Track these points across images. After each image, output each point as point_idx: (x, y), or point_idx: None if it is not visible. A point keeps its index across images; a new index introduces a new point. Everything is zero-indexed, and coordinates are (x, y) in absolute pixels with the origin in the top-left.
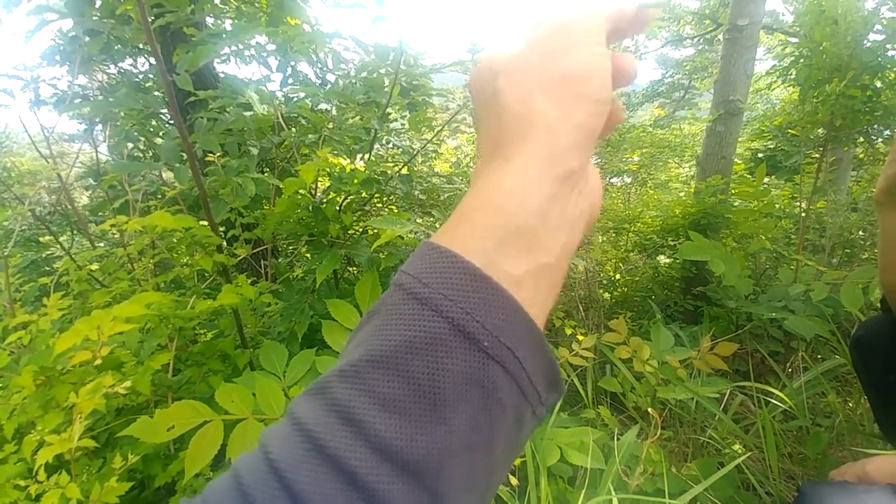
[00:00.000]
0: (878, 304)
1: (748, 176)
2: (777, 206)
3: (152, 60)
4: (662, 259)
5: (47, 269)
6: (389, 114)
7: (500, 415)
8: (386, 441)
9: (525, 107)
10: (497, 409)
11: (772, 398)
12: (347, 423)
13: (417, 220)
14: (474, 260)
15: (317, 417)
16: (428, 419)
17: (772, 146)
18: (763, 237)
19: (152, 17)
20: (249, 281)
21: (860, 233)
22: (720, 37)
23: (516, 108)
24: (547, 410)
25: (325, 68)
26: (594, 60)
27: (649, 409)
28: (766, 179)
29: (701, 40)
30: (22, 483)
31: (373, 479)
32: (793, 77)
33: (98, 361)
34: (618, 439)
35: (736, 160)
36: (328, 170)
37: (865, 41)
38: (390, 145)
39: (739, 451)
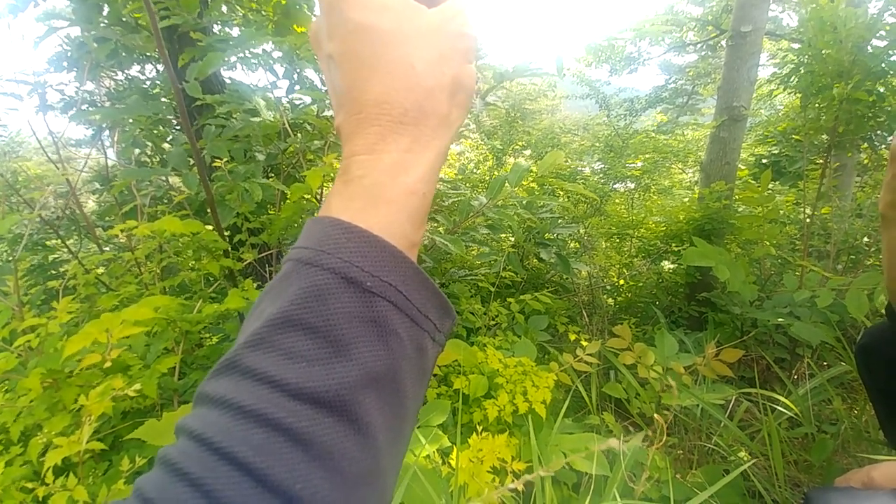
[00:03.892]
0: (884, 311)
1: (752, 182)
2: (781, 211)
3: (159, 67)
4: (666, 265)
5: (53, 272)
6: None
7: (399, 345)
8: (299, 387)
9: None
10: (394, 339)
11: (777, 405)
12: (263, 383)
13: None
14: (396, 242)
15: (234, 389)
16: (333, 360)
17: (776, 152)
18: (768, 243)
19: (159, 20)
20: (255, 285)
21: (865, 238)
22: (723, 43)
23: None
24: (446, 337)
25: None
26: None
27: (654, 416)
28: (770, 185)
29: (704, 46)
30: (28, 485)
31: (294, 421)
32: (793, 84)
33: (108, 364)
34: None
35: (740, 166)
36: (333, 175)
37: (868, 47)
38: None
39: (745, 458)
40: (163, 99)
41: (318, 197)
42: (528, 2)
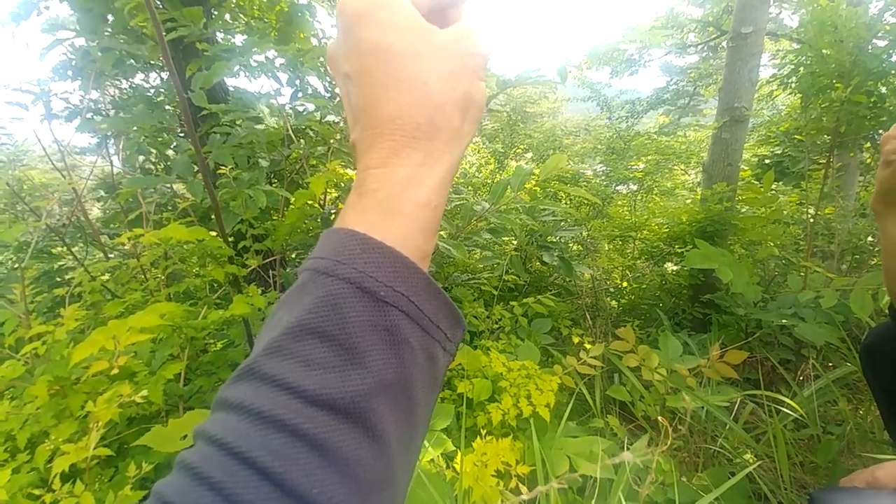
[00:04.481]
0: (887, 311)
1: (755, 182)
2: (785, 212)
3: (164, 75)
4: (670, 266)
5: (59, 279)
6: None
7: (410, 354)
8: (316, 394)
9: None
10: (406, 349)
11: (783, 406)
12: (281, 389)
13: None
14: (409, 254)
15: (253, 395)
16: (348, 367)
17: (779, 152)
18: (771, 244)
19: (165, 32)
20: (259, 291)
21: (869, 238)
22: (724, 44)
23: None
24: (456, 346)
25: (333, 81)
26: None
27: (659, 418)
28: (773, 186)
29: (705, 47)
30: (35, 492)
31: (311, 427)
32: (794, 84)
33: (115, 371)
34: (627, 449)
35: (742, 166)
36: (336, 181)
37: (868, 47)
38: None
39: (750, 460)
40: (167, 107)
41: (322, 203)
42: (529, 8)
